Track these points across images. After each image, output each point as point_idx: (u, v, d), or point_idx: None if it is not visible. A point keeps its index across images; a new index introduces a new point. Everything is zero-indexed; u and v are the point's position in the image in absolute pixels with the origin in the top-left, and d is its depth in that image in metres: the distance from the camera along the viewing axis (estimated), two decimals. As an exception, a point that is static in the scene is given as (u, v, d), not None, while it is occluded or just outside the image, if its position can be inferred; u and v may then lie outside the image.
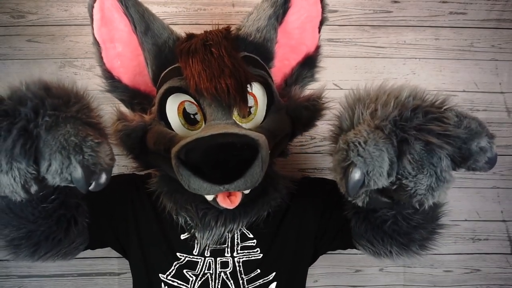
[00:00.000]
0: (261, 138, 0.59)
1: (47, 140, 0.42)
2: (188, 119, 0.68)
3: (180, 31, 0.77)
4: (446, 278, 1.20)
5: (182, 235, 0.73)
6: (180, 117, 0.68)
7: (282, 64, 0.79)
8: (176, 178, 0.65)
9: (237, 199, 0.64)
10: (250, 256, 0.73)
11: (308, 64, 0.80)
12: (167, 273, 0.72)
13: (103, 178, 0.44)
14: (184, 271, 0.71)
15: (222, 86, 0.61)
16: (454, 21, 1.16)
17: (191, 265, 0.72)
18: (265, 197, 0.74)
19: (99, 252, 0.92)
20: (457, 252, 1.20)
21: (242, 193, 0.65)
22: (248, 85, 0.65)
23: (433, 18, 1.16)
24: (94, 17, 0.71)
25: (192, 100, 0.67)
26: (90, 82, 1.13)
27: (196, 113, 0.67)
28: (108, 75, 0.76)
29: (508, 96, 1.18)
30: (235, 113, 0.67)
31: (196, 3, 1.13)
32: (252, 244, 0.74)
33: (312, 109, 0.73)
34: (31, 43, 1.12)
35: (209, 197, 0.65)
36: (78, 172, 0.40)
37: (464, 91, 1.18)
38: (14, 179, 0.40)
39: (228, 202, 0.63)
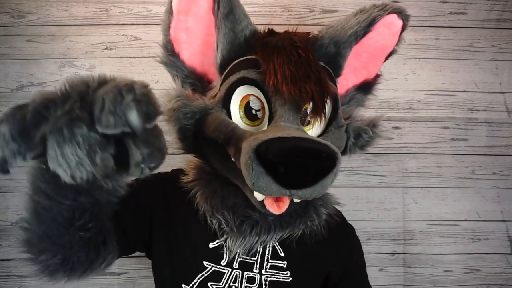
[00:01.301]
0: (339, 152, 0.57)
1: (99, 94, 0.36)
2: (249, 114, 0.66)
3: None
4: (446, 278, 1.20)
5: (211, 244, 0.71)
6: (241, 109, 0.66)
7: (341, 83, 0.78)
8: (216, 178, 0.65)
9: (284, 205, 0.62)
10: (279, 277, 0.71)
11: (364, 89, 0.80)
12: (191, 284, 0.70)
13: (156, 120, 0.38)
14: (208, 284, 0.69)
15: (307, 90, 0.60)
16: (454, 21, 1.16)
17: (217, 277, 0.70)
18: (303, 216, 0.72)
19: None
20: (457, 252, 1.20)
21: (290, 200, 0.64)
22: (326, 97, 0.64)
23: (433, 18, 1.16)
24: None
25: (260, 96, 0.65)
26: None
27: (259, 110, 0.65)
28: (170, 47, 0.73)
29: (508, 96, 1.18)
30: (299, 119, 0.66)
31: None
32: (282, 265, 0.72)
33: (370, 134, 0.74)
34: (31, 43, 1.12)
35: (259, 197, 0.63)
36: (131, 108, 0.35)
37: (464, 91, 1.18)
38: (79, 146, 0.35)
39: (276, 207, 0.61)
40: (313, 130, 0.68)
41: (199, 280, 0.69)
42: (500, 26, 1.17)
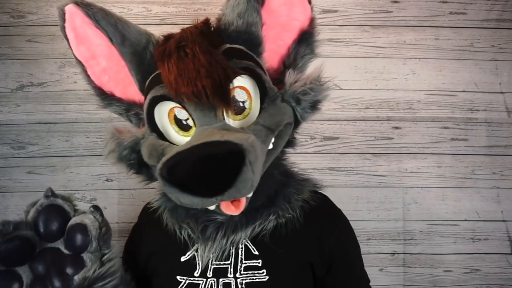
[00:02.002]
0: (246, 140, 0.55)
1: None
2: (181, 126, 0.65)
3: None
4: (446, 278, 1.20)
5: (182, 257, 0.70)
6: (173, 124, 0.65)
7: (277, 45, 0.73)
8: None
9: (241, 204, 0.60)
10: (255, 278, 0.68)
11: (305, 40, 0.73)
12: None
13: None
14: None
15: (199, 88, 0.58)
16: (454, 21, 1.16)
17: None
18: (272, 207, 0.69)
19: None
20: (457, 252, 1.20)
21: (246, 198, 0.62)
22: (233, 80, 0.61)
23: (433, 18, 1.16)
24: (69, 37, 0.69)
25: (180, 106, 0.63)
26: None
27: (187, 119, 0.64)
28: (100, 92, 0.73)
29: (508, 96, 1.18)
30: (225, 115, 0.63)
31: (196, 3, 1.13)
32: (257, 264, 0.69)
33: (312, 93, 0.67)
34: (31, 43, 1.12)
35: (212, 207, 0.62)
36: None
37: (464, 91, 1.18)
38: None
39: (232, 208, 0.60)
40: (252, 113, 0.65)
41: None
42: (500, 26, 1.17)
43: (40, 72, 1.13)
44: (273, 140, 0.65)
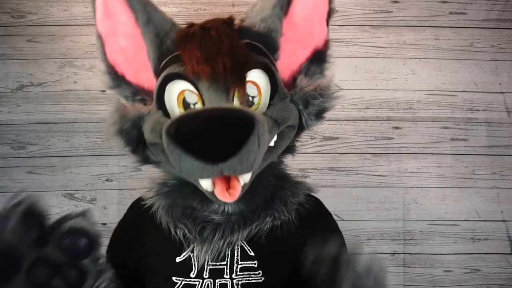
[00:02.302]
0: (257, 114, 0.56)
1: None
2: (189, 109, 0.65)
3: (180, 31, 0.77)
4: (446, 278, 1.20)
5: (177, 258, 0.69)
6: (181, 107, 0.65)
7: (290, 60, 0.75)
8: (175, 188, 0.64)
9: (236, 191, 0.60)
10: (251, 278, 0.68)
11: (317, 60, 0.76)
12: None
13: None
14: None
15: (219, 65, 0.59)
16: (454, 21, 1.16)
17: None
18: (268, 208, 0.70)
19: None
20: (457, 252, 1.20)
21: (243, 186, 0.62)
22: (249, 71, 0.62)
23: (433, 18, 1.16)
24: (97, 9, 0.69)
25: (192, 89, 0.64)
26: (90, 82, 1.14)
27: (196, 103, 0.64)
28: (111, 71, 0.73)
29: (508, 96, 1.18)
30: (236, 100, 0.64)
31: (196, 3, 1.13)
32: (253, 265, 0.69)
33: (321, 98, 0.69)
34: (31, 43, 1.12)
35: (207, 187, 0.62)
36: None
37: (464, 91, 1.18)
38: None
39: (227, 195, 0.60)
40: (259, 109, 0.66)
41: None
42: (500, 26, 1.17)
43: (40, 72, 1.13)
44: (275, 138, 0.66)
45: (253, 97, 0.65)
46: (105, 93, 1.14)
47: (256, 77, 0.65)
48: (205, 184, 0.61)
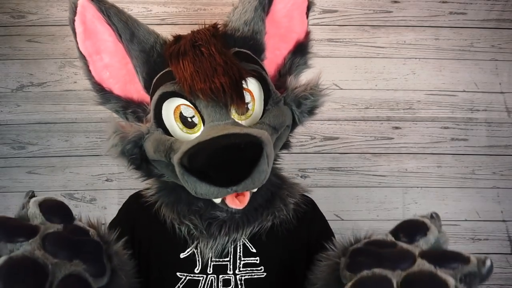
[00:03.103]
0: (263, 134, 0.58)
1: None
2: (186, 123, 0.67)
3: (180, 31, 0.77)
4: (446, 278, 1.20)
5: (182, 254, 0.71)
6: (178, 121, 0.67)
7: (274, 54, 0.77)
8: (179, 184, 0.64)
9: (245, 198, 0.63)
10: (253, 274, 0.70)
11: (300, 52, 0.78)
12: None
13: None
14: None
15: (217, 85, 0.60)
16: (454, 21, 1.16)
17: (192, 285, 0.69)
18: (270, 207, 0.72)
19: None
20: (457, 252, 1.20)
21: (250, 192, 0.64)
22: (243, 81, 0.64)
23: (433, 18, 1.16)
24: (77, 30, 0.69)
25: (188, 103, 0.65)
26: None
27: (193, 116, 0.66)
28: (99, 88, 0.74)
29: (508, 96, 1.18)
30: (233, 111, 0.66)
31: (196, 3, 1.13)
32: (255, 261, 0.71)
33: (312, 98, 0.72)
34: (31, 43, 1.12)
35: (217, 200, 0.64)
36: None
37: (464, 91, 1.18)
38: None
39: (237, 202, 0.62)
40: (254, 114, 0.68)
41: None
42: (500, 26, 1.17)
43: (40, 72, 1.13)
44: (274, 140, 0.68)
45: (247, 103, 0.67)
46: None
47: (249, 85, 0.66)
48: (216, 199, 0.64)
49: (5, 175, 1.15)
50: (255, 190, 0.66)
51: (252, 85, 0.67)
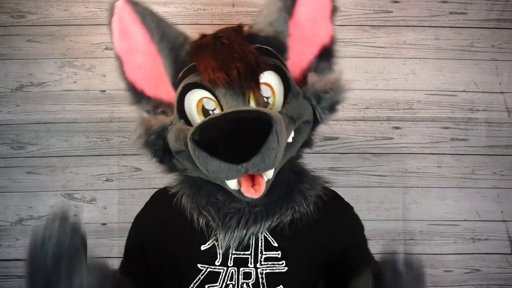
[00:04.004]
0: (274, 113, 0.59)
1: None
2: (208, 116, 0.67)
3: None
4: (446, 278, 1.20)
5: (203, 246, 0.72)
6: (201, 114, 0.68)
7: (299, 58, 0.79)
8: (201, 178, 0.66)
9: (261, 188, 0.64)
10: (275, 268, 0.71)
11: (325, 56, 0.79)
12: None
13: None
14: (206, 286, 0.70)
15: (233, 71, 0.62)
16: (454, 21, 1.16)
17: (213, 277, 0.70)
18: (289, 200, 0.72)
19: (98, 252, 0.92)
20: (457, 252, 1.20)
21: (266, 182, 0.65)
22: (261, 73, 0.65)
23: (433, 18, 1.16)
24: (114, 30, 0.73)
25: (210, 96, 0.67)
26: (90, 82, 1.14)
27: (214, 109, 0.68)
28: (131, 88, 0.77)
29: (508, 96, 1.18)
30: (253, 102, 0.67)
31: (196, 3, 1.13)
32: (277, 255, 0.72)
33: (332, 92, 0.72)
34: (31, 43, 1.12)
35: (233, 186, 0.65)
36: None
37: (464, 91, 1.18)
38: None
39: (252, 191, 0.63)
40: (274, 109, 0.69)
41: (196, 285, 0.70)
42: (500, 26, 1.17)
43: (39, 72, 1.13)
44: (293, 134, 0.69)
45: (267, 98, 0.69)
46: (105, 93, 1.14)
47: (269, 79, 0.68)
48: (232, 183, 0.65)
49: (4, 175, 1.15)
50: (270, 176, 0.66)
51: (271, 79, 0.69)
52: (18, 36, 1.12)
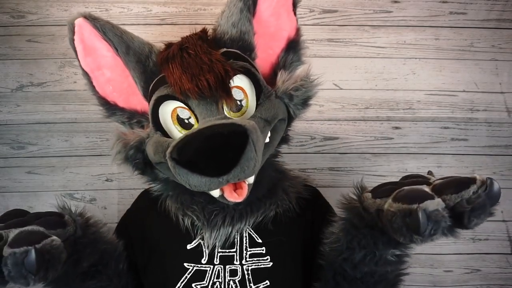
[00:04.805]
0: (248, 123, 0.59)
1: None
2: (183, 125, 0.69)
3: (180, 31, 0.77)
4: (446, 278, 1.20)
5: (188, 245, 0.73)
6: (176, 124, 0.69)
7: (267, 54, 0.79)
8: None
9: (243, 191, 0.65)
10: (260, 264, 0.72)
11: (292, 49, 0.79)
12: None
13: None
14: (193, 285, 0.70)
15: (203, 83, 0.63)
16: (454, 21, 1.16)
17: (200, 276, 0.71)
18: (273, 197, 0.75)
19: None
20: (457, 252, 1.20)
21: (248, 185, 0.66)
22: (231, 80, 0.66)
23: (433, 18, 1.16)
24: (77, 49, 0.74)
25: (183, 105, 0.68)
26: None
27: (189, 117, 0.69)
28: (104, 102, 0.79)
29: (508, 96, 1.18)
30: (226, 108, 0.68)
31: (196, 3, 1.13)
32: (261, 251, 0.73)
33: (303, 89, 0.73)
34: (31, 43, 1.12)
35: (216, 194, 0.66)
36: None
37: (464, 91, 1.18)
38: None
39: (235, 195, 0.64)
40: (248, 111, 0.70)
41: (182, 284, 0.71)
42: (500, 26, 1.17)
43: (40, 72, 1.13)
44: (269, 134, 0.70)
45: (240, 101, 0.70)
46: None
47: (240, 82, 0.69)
48: (214, 192, 0.66)
49: (4, 175, 1.15)
50: (251, 181, 0.67)
51: (242, 82, 0.69)
52: (18, 36, 1.12)
